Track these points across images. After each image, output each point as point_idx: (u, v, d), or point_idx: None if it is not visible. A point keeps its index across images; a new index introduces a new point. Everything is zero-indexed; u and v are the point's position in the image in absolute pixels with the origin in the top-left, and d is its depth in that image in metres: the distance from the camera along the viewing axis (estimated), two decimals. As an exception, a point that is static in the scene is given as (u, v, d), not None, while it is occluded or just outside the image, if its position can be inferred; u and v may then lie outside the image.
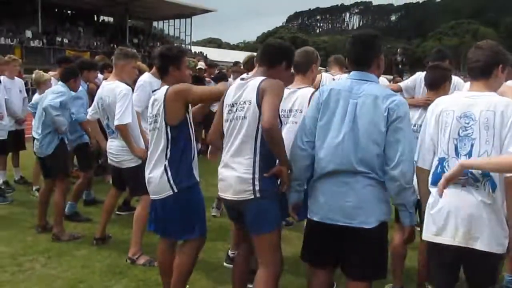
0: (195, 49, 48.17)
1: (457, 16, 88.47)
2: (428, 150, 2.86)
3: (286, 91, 3.63)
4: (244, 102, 3.14)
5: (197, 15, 48.52)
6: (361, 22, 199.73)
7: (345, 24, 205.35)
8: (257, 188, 3.07)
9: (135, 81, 4.86)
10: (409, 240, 2.93)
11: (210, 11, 48.45)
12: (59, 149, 4.79)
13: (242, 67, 5.56)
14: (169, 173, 3.33)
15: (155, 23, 51.20)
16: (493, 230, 2.69)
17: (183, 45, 47.74)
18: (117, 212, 5.37)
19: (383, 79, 4.55)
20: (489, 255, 2.68)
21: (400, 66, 37.90)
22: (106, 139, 4.59)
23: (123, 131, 4.21)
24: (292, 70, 3.65)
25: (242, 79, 3.26)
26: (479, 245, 2.68)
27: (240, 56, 6.28)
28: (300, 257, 3.22)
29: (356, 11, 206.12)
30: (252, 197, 3.08)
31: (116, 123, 4.19)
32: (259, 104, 3.04)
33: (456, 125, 2.76)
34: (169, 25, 51.48)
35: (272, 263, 3.19)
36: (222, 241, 4.59)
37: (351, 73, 3.06)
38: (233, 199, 3.13)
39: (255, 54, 6.20)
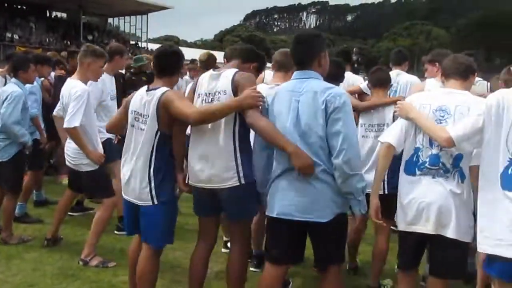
0: (151, 46, 47.51)
1: (411, 17, 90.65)
2: (401, 131, 3.06)
3: (266, 87, 3.88)
4: (219, 92, 3.26)
5: (153, 12, 47.89)
6: (317, 22, 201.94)
7: (302, 23, 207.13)
8: (241, 174, 3.19)
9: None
10: (362, 229, 3.05)
11: (167, 8, 47.88)
12: (16, 159, 4.56)
13: (198, 65, 5.50)
14: (152, 184, 3.26)
15: (110, 20, 50.09)
16: (461, 218, 2.89)
17: (139, 43, 47.21)
18: (70, 213, 5.21)
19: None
20: (457, 242, 2.88)
21: (355, 66, 38.57)
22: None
23: (73, 134, 4.04)
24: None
25: (214, 70, 3.38)
26: (448, 233, 2.88)
27: (198, 54, 6.21)
28: (265, 252, 3.36)
29: (313, 10, 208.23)
30: (238, 184, 3.19)
31: (65, 125, 4.03)
32: (234, 95, 3.18)
33: (432, 118, 2.99)
34: (124, 22, 50.51)
35: (246, 245, 3.45)
36: (179, 240, 4.54)
37: (295, 73, 3.19)
38: (215, 187, 3.22)
39: (211, 52, 6.22)
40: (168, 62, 3.45)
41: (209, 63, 5.54)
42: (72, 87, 4.15)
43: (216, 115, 3.19)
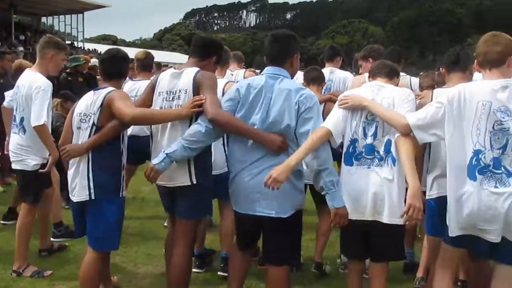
0: (88, 46, 46.25)
1: (348, 16, 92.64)
2: (339, 120, 3.20)
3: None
4: (180, 91, 3.36)
5: (90, 11, 46.68)
6: (257, 20, 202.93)
7: (242, 22, 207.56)
8: (193, 174, 3.31)
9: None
10: (337, 223, 3.11)
11: (104, 6, 46.75)
12: None
13: (135, 64, 5.35)
14: (91, 180, 3.31)
15: (44, 19, 48.44)
16: (394, 203, 3.07)
17: (75, 42, 45.82)
18: (2, 222, 4.98)
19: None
20: (393, 226, 3.07)
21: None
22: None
23: (41, 131, 3.89)
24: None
25: (175, 68, 3.50)
26: (384, 218, 3.07)
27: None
28: (236, 245, 3.51)
29: (253, 8, 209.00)
30: (189, 183, 3.31)
31: (33, 123, 3.86)
32: (195, 94, 3.29)
33: (365, 111, 3.21)
34: (59, 21, 48.93)
35: (191, 246, 3.52)
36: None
37: (266, 68, 3.33)
38: (170, 185, 3.34)
39: (149, 51, 6.06)
40: (115, 66, 3.51)
41: (146, 62, 5.42)
42: (33, 80, 3.99)
43: (154, 119, 3.36)
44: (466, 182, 2.78)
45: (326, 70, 5.42)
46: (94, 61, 8.29)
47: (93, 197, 3.30)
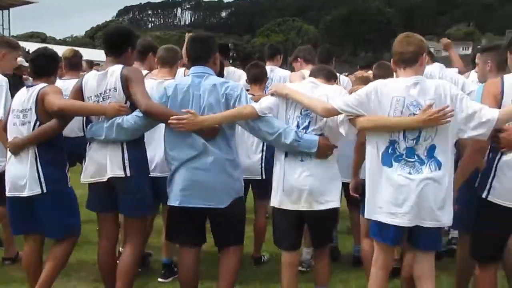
0: (15, 44, 44.33)
1: (283, 14, 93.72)
2: (267, 102, 3.47)
3: (155, 82, 4.15)
4: (110, 90, 3.47)
5: (16, 7, 44.77)
6: (192, 18, 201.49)
7: (177, 20, 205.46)
8: (127, 167, 3.45)
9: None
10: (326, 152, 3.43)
11: (31, 2, 44.99)
12: None
13: (63, 62, 5.17)
14: (40, 172, 3.45)
15: (-34, 15, 46.01)
16: (328, 189, 3.43)
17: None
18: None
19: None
20: (327, 212, 3.43)
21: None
22: None
23: None
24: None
25: (98, 70, 3.70)
26: (320, 206, 3.40)
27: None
28: (167, 239, 3.78)
29: (187, 7, 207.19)
30: (123, 175, 3.45)
31: None
32: (125, 91, 3.43)
33: (299, 106, 3.47)
34: (-17, 18, 46.67)
35: (139, 245, 3.66)
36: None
37: (191, 68, 3.57)
38: (103, 178, 3.47)
39: (77, 49, 5.88)
40: (44, 65, 3.61)
41: (74, 61, 5.26)
42: None
43: (78, 112, 3.65)
44: (383, 169, 3.08)
45: (267, 69, 5.52)
46: (20, 60, 7.91)
47: (45, 190, 3.43)
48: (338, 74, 5.30)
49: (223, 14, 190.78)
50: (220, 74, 4.35)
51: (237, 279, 3.79)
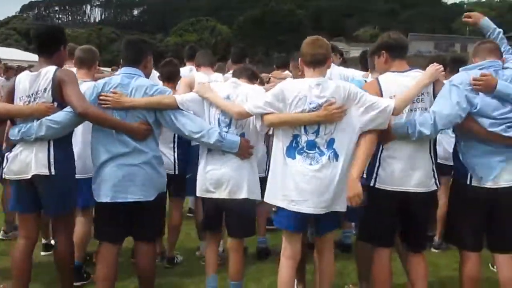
0: None
1: (196, 14, 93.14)
2: (194, 102, 3.80)
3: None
4: (41, 91, 3.59)
5: None
6: (103, 15, 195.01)
7: (87, 17, 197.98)
8: (52, 165, 3.56)
9: None
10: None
11: None
12: None
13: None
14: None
15: None
16: (245, 181, 3.76)
17: None
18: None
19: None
20: (247, 202, 3.78)
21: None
22: None
23: None
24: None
25: (31, 71, 3.70)
26: (241, 195, 3.75)
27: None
28: (95, 237, 3.92)
29: (97, 3, 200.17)
30: (48, 173, 3.56)
31: None
32: (54, 92, 3.58)
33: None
34: None
35: (71, 238, 3.88)
36: None
37: (123, 68, 3.82)
38: (27, 176, 3.58)
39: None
40: None
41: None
42: None
43: (7, 114, 3.69)
44: (287, 161, 3.45)
45: (187, 69, 5.65)
46: None
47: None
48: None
49: (135, 12, 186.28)
50: None
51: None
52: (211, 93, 3.81)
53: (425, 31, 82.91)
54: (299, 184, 3.39)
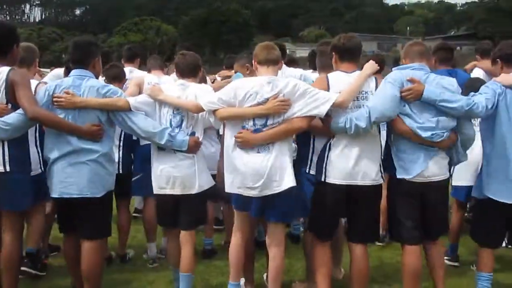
0: None
1: (140, 13, 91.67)
2: (146, 104, 4.06)
3: None
4: None
5: None
6: (43, 15, 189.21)
7: (26, 17, 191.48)
8: (7, 162, 3.69)
9: None
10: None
11: None
12: None
13: None
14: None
15: None
16: (199, 177, 4.04)
17: None
18: None
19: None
20: (198, 195, 4.06)
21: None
22: None
23: None
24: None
25: None
26: (193, 191, 4.02)
27: None
28: (61, 232, 4.17)
29: (37, 2, 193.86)
30: (3, 170, 3.70)
31: None
32: (7, 94, 3.67)
33: (170, 106, 4.05)
34: None
35: (20, 234, 3.98)
36: None
37: (73, 71, 3.99)
38: None
39: None
40: None
41: None
42: None
43: None
44: (237, 150, 3.79)
45: (126, 70, 5.68)
46: None
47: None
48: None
49: (77, 11, 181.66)
50: None
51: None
52: (163, 94, 4.02)
53: (368, 32, 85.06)
54: (249, 171, 3.74)
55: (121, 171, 4.82)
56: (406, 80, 3.78)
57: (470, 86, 4.28)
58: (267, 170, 3.71)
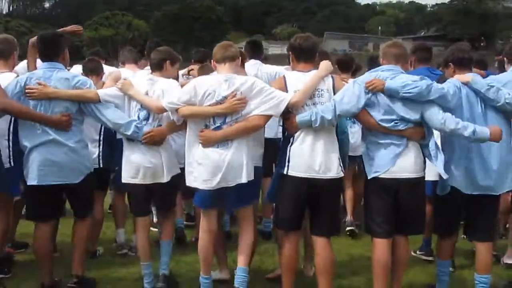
0: None
1: (111, 8, 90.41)
2: (115, 97, 4.31)
3: None
4: None
5: None
6: (11, 7, 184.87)
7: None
8: None
9: None
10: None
11: None
12: None
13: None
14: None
15: None
16: (168, 166, 4.33)
17: None
18: None
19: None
20: (168, 183, 4.36)
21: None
22: None
23: None
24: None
25: None
26: (163, 179, 4.31)
27: None
28: (27, 218, 4.41)
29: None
30: None
31: None
32: None
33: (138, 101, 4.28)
34: None
35: None
36: None
37: (42, 64, 4.24)
38: None
39: None
40: None
41: None
42: None
43: None
44: (200, 147, 4.03)
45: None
46: None
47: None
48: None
49: (46, 4, 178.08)
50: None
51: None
52: (133, 90, 4.27)
53: (340, 30, 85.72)
54: (210, 165, 3.98)
55: (101, 165, 4.88)
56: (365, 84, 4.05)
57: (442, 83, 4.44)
58: (225, 165, 3.96)
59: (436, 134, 4.27)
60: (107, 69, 5.90)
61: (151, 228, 5.99)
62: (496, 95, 4.05)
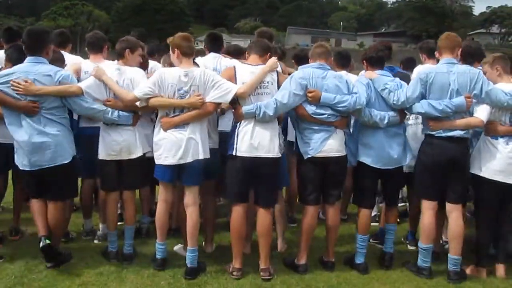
0: None
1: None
2: (94, 86, 4.70)
3: None
4: None
5: None
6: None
7: None
8: None
9: None
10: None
11: None
12: None
13: None
14: None
15: None
16: (141, 143, 4.86)
17: None
18: None
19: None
20: (139, 159, 4.87)
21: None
22: None
23: None
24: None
25: None
26: (138, 154, 4.84)
27: None
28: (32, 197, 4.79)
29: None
30: None
31: None
32: None
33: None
34: None
35: None
36: None
37: (28, 58, 4.46)
38: None
39: None
40: None
41: None
42: None
43: None
44: (161, 129, 4.61)
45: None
46: None
47: None
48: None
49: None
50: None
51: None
52: (105, 76, 4.66)
53: (303, 25, 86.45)
54: (172, 145, 4.56)
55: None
56: (308, 78, 4.71)
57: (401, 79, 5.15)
58: (184, 144, 4.53)
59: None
60: (69, 59, 5.70)
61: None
62: (387, 96, 4.87)
